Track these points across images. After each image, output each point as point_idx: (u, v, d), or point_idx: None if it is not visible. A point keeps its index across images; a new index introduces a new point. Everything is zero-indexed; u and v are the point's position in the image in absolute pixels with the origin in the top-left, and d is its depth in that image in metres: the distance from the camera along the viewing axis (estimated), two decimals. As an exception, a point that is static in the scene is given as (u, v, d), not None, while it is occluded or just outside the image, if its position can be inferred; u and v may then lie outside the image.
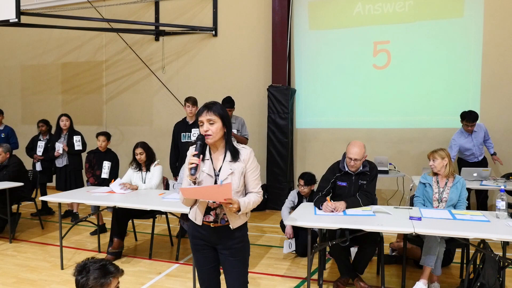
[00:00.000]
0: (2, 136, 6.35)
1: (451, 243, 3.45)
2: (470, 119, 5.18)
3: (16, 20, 5.96)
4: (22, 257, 4.42)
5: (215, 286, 2.42)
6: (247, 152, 2.26)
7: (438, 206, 3.61)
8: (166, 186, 4.88)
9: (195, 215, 2.28)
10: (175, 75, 7.71)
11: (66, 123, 5.83)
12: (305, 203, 3.88)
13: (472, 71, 6.10)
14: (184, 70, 7.64)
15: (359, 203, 3.43)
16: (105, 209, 4.86)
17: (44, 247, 4.76)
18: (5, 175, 5.15)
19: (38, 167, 6.04)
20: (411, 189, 5.33)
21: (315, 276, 3.68)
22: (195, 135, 4.99)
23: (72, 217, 5.75)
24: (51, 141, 5.97)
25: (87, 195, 4.24)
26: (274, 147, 6.70)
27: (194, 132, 5.02)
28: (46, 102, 8.70)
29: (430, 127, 6.30)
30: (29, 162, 6.05)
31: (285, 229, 4.33)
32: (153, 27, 7.69)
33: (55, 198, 4.18)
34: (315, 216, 3.29)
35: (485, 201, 5.25)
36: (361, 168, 3.51)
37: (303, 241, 4.14)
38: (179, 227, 4.63)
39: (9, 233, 4.95)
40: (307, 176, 4.38)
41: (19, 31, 8.48)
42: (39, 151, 6.06)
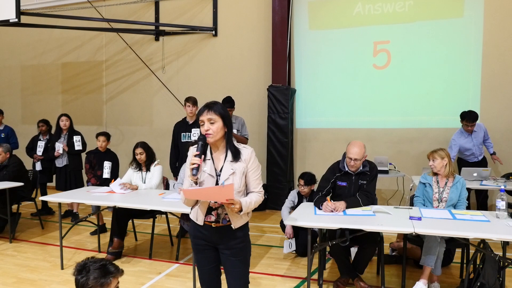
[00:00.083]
0: (2, 136, 6.35)
1: (451, 243, 3.45)
2: (470, 119, 5.19)
3: (16, 20, 5.96)
4: (22, 257, 4.42)
5: (216, 286, 2.42)
6: (248, 152, 2.26)
7: (438, 206, 3.61)
8: (166, 186, 4.88)
9: (196, 215, 2.28)
10: (175, 75, 7.71)
11: (66, 123, 5.84)
12: (305, 203, 3.88)
13: (472, 71, 6.10)
14: (184, 70, 7.64)
15: (359, 203, 3.43)
16: (105, 209, 4.86)
17: (44, 247, 4.76)
18: (5, 175, 5.15)
19: (38, 167, 6.04)
20: (411, 189, 5.34)
21: (315, 276, 3.68)
22: (195, 135, 4.99)
23: (72, 217, 5.75)
24: (51, 141, 5.97)
25: (87, 195, 4.24)
26: (274, 147, 6.70)
27: (194, 132, 5.02)
28: (46, 102, 8.70)
29: (430, 127, 6.30)
30: (29, 162, 6.05)
31: (285, 229, 4.33)
32: (153, 27, 7.69)
33: (55, 198, 4.18)
34: (315, 216, 3.29)
35: (485, 201, 5.25)
36: (361, 168, 3.51)
37: (303, 241, 4.14)
38: (179, 227, 4.64)
39: (9, 233, 4.95)
40: (307, 176, 4.38)
41: (19, 31, 8.48)
42: (39, 151, 6.06)
